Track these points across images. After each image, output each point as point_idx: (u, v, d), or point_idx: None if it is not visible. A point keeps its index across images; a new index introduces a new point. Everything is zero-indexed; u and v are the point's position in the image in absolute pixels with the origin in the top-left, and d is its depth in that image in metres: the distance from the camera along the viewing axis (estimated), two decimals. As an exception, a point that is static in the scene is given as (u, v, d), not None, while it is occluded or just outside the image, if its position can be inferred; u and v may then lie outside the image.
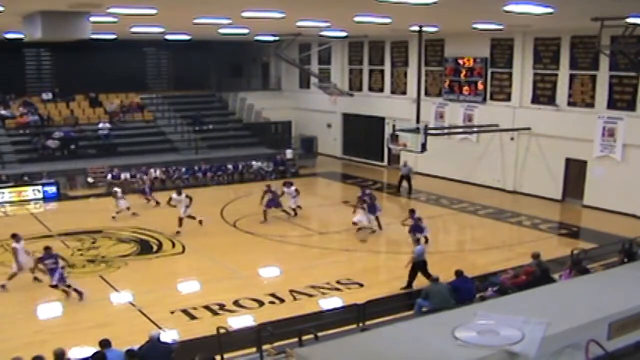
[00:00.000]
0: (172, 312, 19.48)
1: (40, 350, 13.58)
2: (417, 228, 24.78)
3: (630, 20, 23.08)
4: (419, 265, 21.05)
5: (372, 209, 28.47)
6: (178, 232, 27.80)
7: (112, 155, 41.15)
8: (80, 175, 38.21)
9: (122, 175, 37.93)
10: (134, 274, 23.56)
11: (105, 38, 37.80)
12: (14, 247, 21.74)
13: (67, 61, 45.50)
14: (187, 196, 28.65)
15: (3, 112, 43.20)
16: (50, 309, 20.40)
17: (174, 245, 26.89)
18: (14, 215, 32.55)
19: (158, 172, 39.12)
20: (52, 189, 35.80)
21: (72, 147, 41.04)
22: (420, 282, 20.58)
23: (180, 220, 27.97)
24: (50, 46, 45.42)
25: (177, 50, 47.95)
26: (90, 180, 37.92)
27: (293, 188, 30.69)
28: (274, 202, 30.03)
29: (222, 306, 19.86)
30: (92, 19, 21.76)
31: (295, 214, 30.65)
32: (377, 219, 28.35)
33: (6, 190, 34.97)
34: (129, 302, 20.77)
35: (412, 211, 25.53)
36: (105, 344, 14.18)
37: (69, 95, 45.75)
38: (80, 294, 20.37)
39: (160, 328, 17.69)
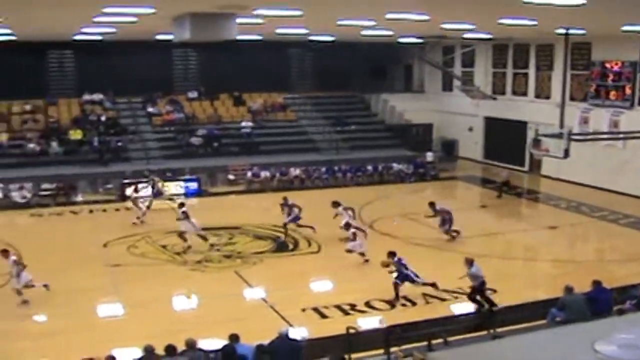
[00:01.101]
0: (304, 310, 19.59)
1: (173, 340, 13.93)
2: (404, 276, 20.79)
3: None
4: (480, 288, 19.91)
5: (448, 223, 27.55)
6: (189, 247, 26.10)
7: (253, 154, 41.82)
8: (222, 172, 39.00)
9: (262, 174, 38.53)
10: (269, 271, 23.86)
11: (250, 39, 38.42)
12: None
13: (213, 61, 46.36)
14: (183, 212, 26.91)
15: (150, 109, 44.65)
16: (186, 300, 20.98)
17: (310, 244, 27.07)
18: (155, 209, 33.50)
19: (298, 171, 39.50)
20: (193, 185, 36.76)
21: (215, 144, 42.01)
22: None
23: (181, 235, 26.71)
24: (197, 46, 46.45)
25: (320, 51, 48.19)
26: (231, 177, 38.64)
27: (341, 208, 27.73)
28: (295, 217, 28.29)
29: (353, 306, 19.85)
30: (239, 20, 22.15)
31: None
32: (450, 231, 27.49)
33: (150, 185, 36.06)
34: (261, 298, 21.13)
35: (391, 254, 21.31)
36: (234, 338, 14.37)
37: (214, 94, 46.89)
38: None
39: (290, 325, 17.80)
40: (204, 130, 42.72)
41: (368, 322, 18.76)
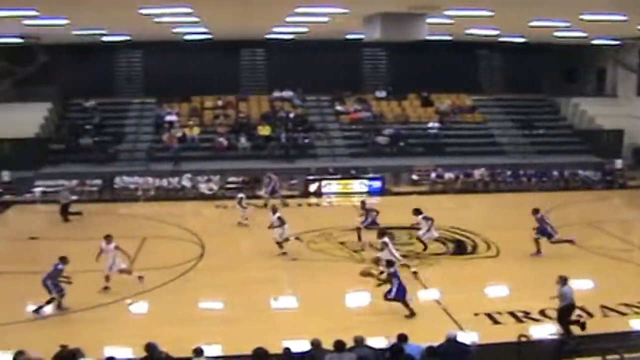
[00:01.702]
0: (476, 315, 19.33)
1: (343, 336, 14.04)
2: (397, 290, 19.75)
3: None
4: (566, 311, 18.08)
5: (545, 232, 25.75)
6: (284, 254, 25.61)
7: (439, 155, 41.63)
8: (406, 172, 39.03)
9: (446, 175, 38.37)
10: (445, 273, 23.70)
11: (439, 39, 38.32)
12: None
13: (402, 61, 46.53)
14: (279, 218, 25.94)
15: (338, 107, 45.28)
16: (358, 297, 21.22)
17: (489, 247, 26.75)
18: (338, 206, 34.10)
19: (483, 174, 39.08)
20: (376, 184, 37.10)
21: (401, 144, 42.08)
22: None
23: (279, 244, 25.78)
24: (387, 46, 46.66)
25: (510, 52, 47.41)
26: (415, 177, 38.65)
27: (420, 217, 26.44)
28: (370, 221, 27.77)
29: (527, 314, 19.39)
30: (428, 20, 22.21)
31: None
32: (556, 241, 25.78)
33: (334, 182, 36.84)
34: (435, 299, 20.99)
35: (389, 263, 20.50)
36: (403, 337, 14.38)
37: (402, 94, 46.93)
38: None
39: (461, 329, 17.66)
40: (390, 130, 42.93)
41: (541, 331, 18.32)
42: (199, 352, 13.76)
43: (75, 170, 38.66)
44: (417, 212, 26.53)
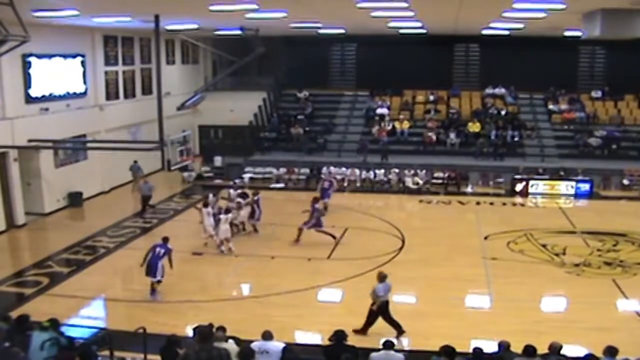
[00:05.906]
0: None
1: (533, 341, 13.57)
2: None
3: None
4: (380, 309, 17.47)
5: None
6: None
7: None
8: (616, 176, 37.69)
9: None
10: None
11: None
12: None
13: (620, 60, 44.65)
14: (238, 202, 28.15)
15: (551, 106, 44.27)
16: (553, 302, 20.89)
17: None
18: (543, 207, 33.47)
19: None
20: (585, 187, 36.02)
21: (614, 147, 40.59)
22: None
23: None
24: (605, 44, 45.08)
25: None
26: (625, 182, 37.20)
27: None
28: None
29: None
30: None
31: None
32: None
33: (541, 183, 36.17)
34: (635, 311, 20.08)
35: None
36: (613, 350, 13.90)
37: (619, 94, 45.12)
38: None
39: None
40: (603, 132, 41.48)
41: None
42: (388, 345, 13.78)
43: (284, 159, 40.05)
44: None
